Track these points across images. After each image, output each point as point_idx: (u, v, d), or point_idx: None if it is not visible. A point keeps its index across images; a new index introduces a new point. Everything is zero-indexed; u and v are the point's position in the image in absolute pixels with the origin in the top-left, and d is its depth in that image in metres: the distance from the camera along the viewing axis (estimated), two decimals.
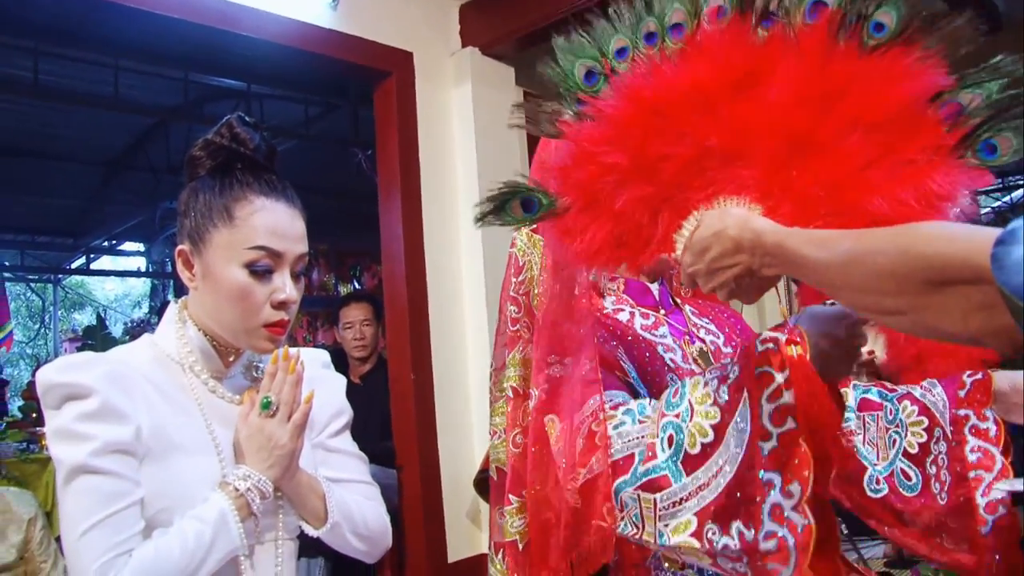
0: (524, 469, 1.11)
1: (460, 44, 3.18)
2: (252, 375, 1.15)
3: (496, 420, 1.25)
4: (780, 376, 0.85)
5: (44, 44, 3.64)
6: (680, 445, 0.91)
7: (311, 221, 1.13)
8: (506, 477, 1.16)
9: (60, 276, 9.28)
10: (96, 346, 6.39)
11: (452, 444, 2.92)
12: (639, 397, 1.07)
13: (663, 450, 0.93)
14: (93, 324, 7.65)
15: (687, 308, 1.27)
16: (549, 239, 1.11)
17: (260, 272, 1.05)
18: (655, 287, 1.24)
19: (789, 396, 0.84)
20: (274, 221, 1.07)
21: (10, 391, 6.94)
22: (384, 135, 3.05)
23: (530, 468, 1.08)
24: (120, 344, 1.15)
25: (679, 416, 0.93)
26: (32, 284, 9.98)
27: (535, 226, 1.19)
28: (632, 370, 1.11)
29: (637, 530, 0.93)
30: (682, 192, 0.96)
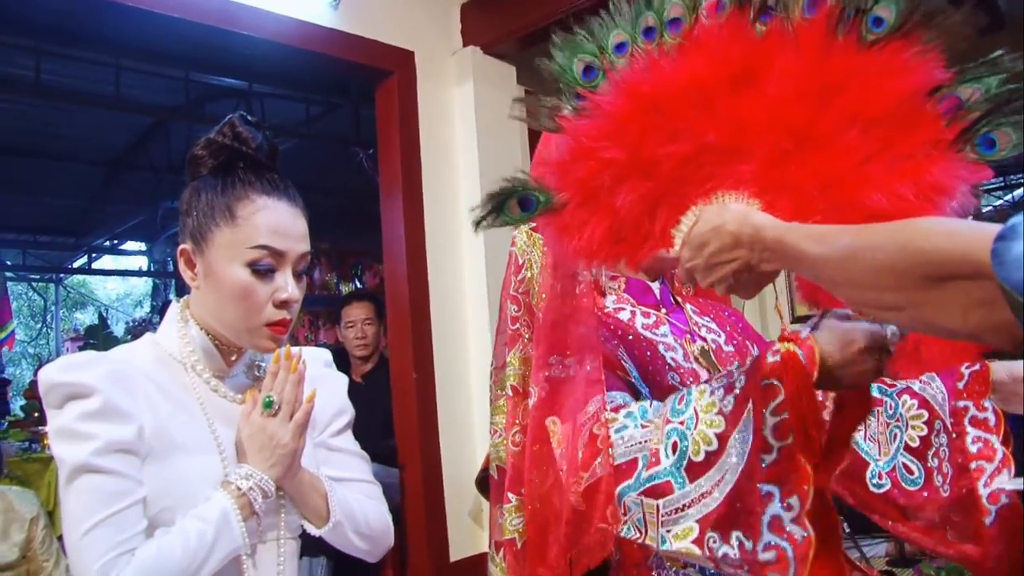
0: (523, 467, 1.11)
1: (461, 43, 3.17)
2: (254, 374, 1.15)
3: (497, 418, 1.25)
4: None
5: (45, 44, 3.63)
6: (684, 452, 0.91)
7: (313, 220, 1.13)
8: (506, 475, 1.16)
9: (62, 275, 9.29)
10: (98, 345, 6.38)
11: (454, 443, 2.92)
12: (640, 397, 1.07)
13: (667, 456, 0.92)
14: (95, 323, 7.65)
15: (688, 307, 1.27)
16: (548, 236, 1.11)
17: (262, 271, 1.05)
18: (656, 286, 1.24)
19: None
20: (276, 220, 1.07)
21: (12, 390, 6.94)
22: (385, 134, 3.04)
23: (529, 466, 1.08)
24: (122, 343, 1.15)
25: (684, 423, 0.92)
26: (34, 283, 9.98)
27: (535, 224, 1.18)
28: (633, 369, 1.10)
29: (640, 534, 0.93)
30: (680, 187, 0.95)
